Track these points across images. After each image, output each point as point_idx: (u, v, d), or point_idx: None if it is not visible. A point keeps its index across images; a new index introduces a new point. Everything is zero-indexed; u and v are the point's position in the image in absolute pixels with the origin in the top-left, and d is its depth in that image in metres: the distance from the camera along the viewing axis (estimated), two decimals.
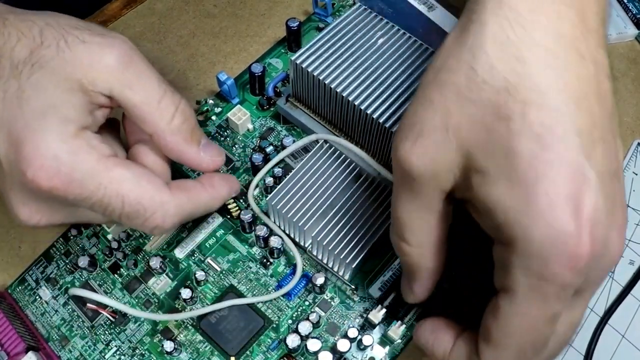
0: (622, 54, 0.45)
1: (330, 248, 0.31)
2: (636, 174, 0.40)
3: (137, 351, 0.32)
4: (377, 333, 0.33)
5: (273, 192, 0.32)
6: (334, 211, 0.32)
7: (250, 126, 0.39)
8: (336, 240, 0.31)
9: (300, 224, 0.31)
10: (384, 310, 0.32)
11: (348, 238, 0.31)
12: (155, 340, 0.32)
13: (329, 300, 0.33)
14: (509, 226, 0.20)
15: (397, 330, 0.32)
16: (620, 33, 0.45)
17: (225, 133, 0.39)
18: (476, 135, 0.21)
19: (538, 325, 0.21)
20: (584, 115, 0.20)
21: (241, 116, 0.38)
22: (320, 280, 0.32)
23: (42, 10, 0.27)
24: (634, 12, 0.46)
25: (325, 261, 0.33)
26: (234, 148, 0.39)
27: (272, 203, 0.32)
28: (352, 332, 0.31)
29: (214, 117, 0.40)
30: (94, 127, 0.27)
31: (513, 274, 0.21)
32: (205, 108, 0.40)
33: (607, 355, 0.34)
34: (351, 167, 0.34)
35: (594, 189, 0.19)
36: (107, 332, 0.33)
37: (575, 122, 0.20)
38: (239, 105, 0.39)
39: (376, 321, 0.32)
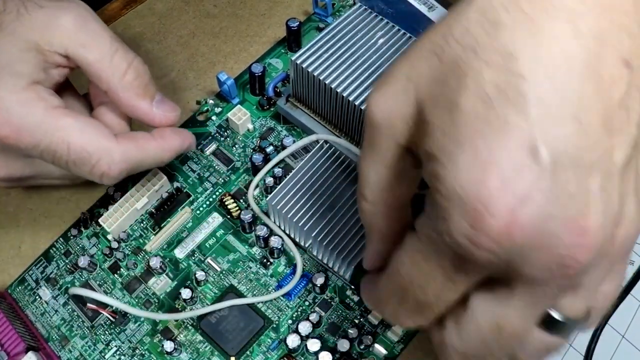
0: None
1: (330, 248, 0.31)
2: None
3: (137, 351, 0.32)
4: (377, 333, 0.33)
5: (273, 192, 0.32)
6: (334, 211, 0.32)
7: (250, 126, 0.39)
8: (336, 240, 0.31)
9: (300, 224, 0.31)
10: None
11: (348, 238, 0.31)
12: (155, 341, 0.32)
13: (329, 300, 0.33)
14: (432, 177, 0.19)
15: (397, 331, 0.32)
16: None
17: (226, 133, 0.39)
18: (432, 88, 0.20)
19: (421, 279, 0.20)
20: (555, 86, 0.17)
21: (241, 116, 0.38)
22: (320, 280, 0.32)
23: None
24: None
25: (325, 261, 0.33)
26: (234, 148, 0.39)
27: (272, 203, 0.32)
28: (353, 332, 0.31)
29: (214, 117, 0.40)
30: (47, 83, 0.29)
31: (423, 216, 0.20)
32: (206, 108, 0.40)
33: (607, 356, 0.34)
34: (351, 167, 0.34)
35: (536, 166, 0.17)
36: (107, 332, 0.33)
37: (537, 90, 0.17)
38: (239, 106, 0.39)
39: (376, 321, 0.32)
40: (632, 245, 0.19)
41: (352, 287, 0.33)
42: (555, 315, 0.20)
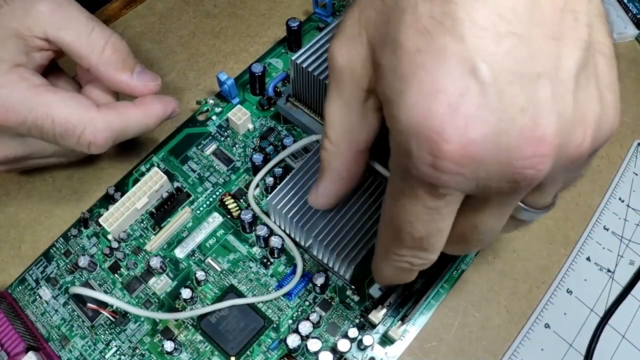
0: (622, 54, 0.45)
1: (330, 248, 0.31)
2: (636, 174, 0.40)
3: (137, 351, 0.32)
4: (377, 333, 0.33)
5: (273, 192, 0.32)
6: (334, 211, 0.32)
7: (250, 126, 0.39)
8: (337, 240, 0.31)
9: (300, 224, 0.31)
10: (385, 310, 0.32)
11: (349, 238, 0.31)
12: (155, 340, 0.32)
13: (329, 300, 0.33)
14: (388, 118, 0.20)
15: (397, 331, 0.32)
16: (620, 33, 0.45)
17: (226, 133, 0.39)
18: (378, 29, 0.21)
19: (410, 216, 0.21)
20: (487, 5, 0.18)
21: (241, 116, 0.38)
22: (320, 280, 0.32)
23: None
24: (634, 12, 0.46)
25: (325, 261, 0.33)
26: (234, 148, 0.39)
27: (273, 203, 0.32)
28: (353, 332, 0.31)
29: (214, 117, 0.40)
30: (30, 65, 0.30)
31: (390, 161, 0.21)
32: (206, 108, 0.40)
33: (607, 356, 0.34)
34: None
35: (479, 85, 0.17)
36: (107, 332, 0.33)
37: (471, 13, 0.18)
38: (239, 105, 0.39)
39: (376, 321, 0.32)
40: (601, 140, 0.19)
41: (353, 287, 0.33)
42: (525, 215, 0.22)
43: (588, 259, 0.37)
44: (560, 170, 0.19)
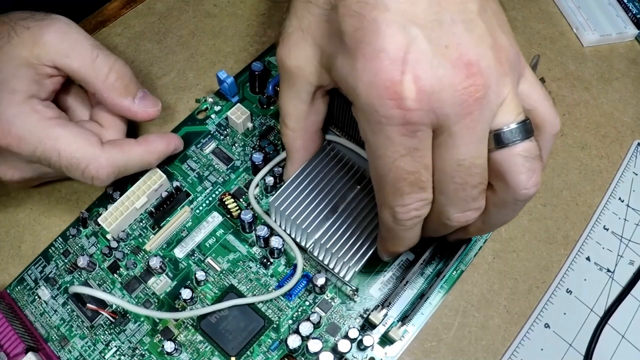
0: (622, 54, 0.45)
1: (334, 251, 0.31)
2: (636, 174, 0.40)
3: (137, 351, 0.32)
4: (377, 333, 0.33)
5: (276, 194, 0.32)
6: (337, 214, 0.32)
7: (250, 125, 0.39)
8: (340, 243, 0.31)
9: (303, 227, 0.31)
10: (385, 310, 0.32)
11: (352, 241, 0.31)
12: (155, 341, 0.32)
13: (330, 300, 0.33)
14: (348, 93, 0.25)
15: (397, 331, 0.32)
16: (620, 33, 0.45)
17: (225, 132, 0.39)
18: (322, 28, 0.26)
19: (396, 162, 0.25)
20: None
21: (241, 115, 0.38)
22: (320, 280, 0.32)
23: (12, 11, 0.32)
24: (634, 12, 0.46)
25: (326, 263, 0.33)
26: (233, 147, 0.39)
27: (275, 205, 0.32)
28: (353, 333, 0.31)
29: (213, 116, 0.40)
30: (43, 93, 0.32)
31: (361, 127, 0.25)
32: (205, 106, 0.40)
33: (607, 356, 0.34)
34: (354, 169, 0.34)
35: (411, 37, 0.23)
36: (106, 332, 0.33)
37: None
38: (238, 104, 0.39)
39: (377, 322, 0.32)
40: (517, 59, 0.25)
41: (353, 288, 0.33)
42: (497, 129, 0.25)
43: (588, 258, 0.37)
44: (500, 81, 0.24)
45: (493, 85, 0.24)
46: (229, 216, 0.36)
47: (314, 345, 0.31)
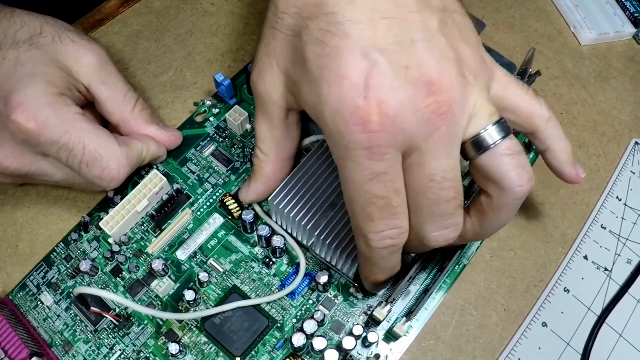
0: (620, 52, 0.46)
1: (334, 246, 0.32)
2: (634, 173, 0.41)
3: (141, 354, 0.33)
4: (382, 330, 0.34)
5: (275, 193, 0.33)
6: (335, 209, 0.33)
7: (248, 126, 0.40)
8: (339, 239, 0.32)
9: (303, 223, 0.32)
10: (389, 306, 0.32)
11: (351, 236, 0.32)
12: (159, 343, 0.33)
13: (333, 298, 0.34)
14: (316, 119, 0.26)
15: (402, 327, 0.33)
16: (617, 32, 0.46)
17: (224, 134, 0.40)
18: (286, 55, 0.27)
19: (364, 186, 0.25)
20: (356, 6, 0.24)
21: (239, 117, 0.39)
22: (324, 278, 0.33)
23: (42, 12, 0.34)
24: (632, 11, 0.47)
25: (328, 259, 0.34)
26: (233, 149, 0.39)
27: (275, 203, 0.33)
28: (358, 330, 0.33)
29: (212, 119, 0.40)
30: (74, 100, 0.33)
31: (332, 152, 0.26)
32: (203, 109, 0.40)
33: (604, 355, 0.35)
34: None
35: (372, 61, 0.23)
36: (110, 336, 0.33)
37: (347, 15, 0.24)
38: (236, 106, 0.39)
39: (381, 318, 0.33)
40: (481, 67, 0.26)
41: (356, 284, 0.34)
42: (474, 135, 0.25)
43: (586, 257, 0.38)
44: (458, 95, 0.24)
45: (457, 99, 0.24)
46: (230, 217, 0.37)
47: (318, 343, 0.32)
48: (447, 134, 0.24)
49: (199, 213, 0.37)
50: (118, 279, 0.35)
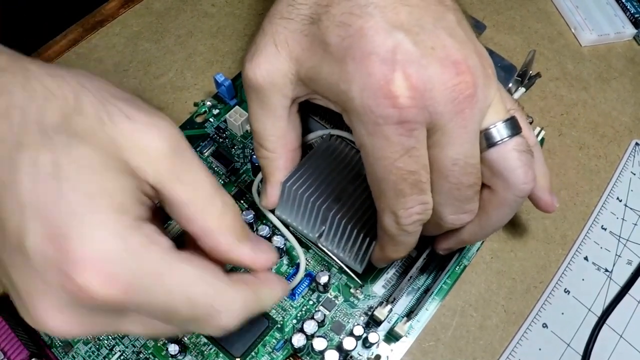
0: (620, 53, 0.47)
1: (350, 226, 0.32)
2: (634, 174, 0.41)
3: (141, 355, 0.33)
4: (382, 330, 0.34)
5: (287, 176, 0.32)
6: (348, 193, 0.32)
7: (248, 127, 0.40)
8: (355, 219, 0.32)
9: (318, 203, 0.32)
10: (389, 306, 0.33)
11: (366, 217, 0.32)
12: (159, 344, 0.33)
13: (333, 298, 0.35)
14: (339, 99, 0.26)
15: (403, 327, 0.33)
16: (618, 32, 0.47)
17: (224, 134, 0.40)
18: (300, 42, 0.27)
19: (396, 162, 0.25)
20: None
21: (239, 117, 0.39)
22: (324, 278, 0.34)
23: (71, 68, 0.23)
24: (632, 12, 0.47)
25: (336, 250, 0.34)
26: (233, 149, 0.40)
27: (288, 184, 0.32)
28: (358, 330, 0.33)
29: (212, 119, 0.41)
30: (145, 218, 0.22)
31: (357, 131, 0.26)
32: (203, 110, 0.41)
33: (604, 356, 0.35)
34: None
35: (397, 39, 0.24)
36: (110, 337, 0.34)
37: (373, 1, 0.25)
38: (237, 106, 0.40)
39: (382, 318, 0.33)
40: (494, 69, 0.27)
41: (357, 280, 0.34)
42: (487, 128, 0.26)
43: (586, 258, 0.38)
44: (482, 81, 0.25)
45: (481, 84, 0.25)
46: None
47: (319, 344, 0.32)
48: (471, 117, 0.25)
49: None
50: None
